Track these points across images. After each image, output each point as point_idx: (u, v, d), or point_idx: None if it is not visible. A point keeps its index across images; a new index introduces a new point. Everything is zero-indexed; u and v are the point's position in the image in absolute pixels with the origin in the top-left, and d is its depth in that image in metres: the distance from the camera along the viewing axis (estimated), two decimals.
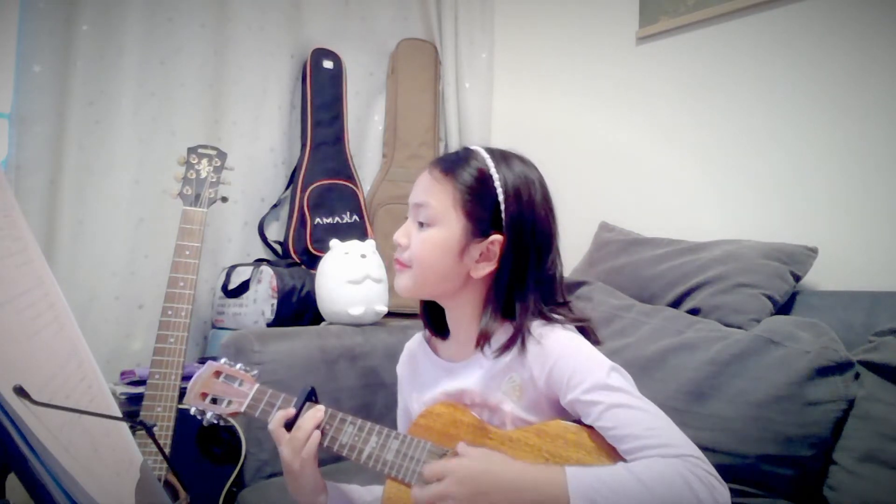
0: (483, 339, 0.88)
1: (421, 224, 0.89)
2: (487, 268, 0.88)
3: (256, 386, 0.95)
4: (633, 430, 0.76)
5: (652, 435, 0.75)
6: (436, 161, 0.92)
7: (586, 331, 0.90)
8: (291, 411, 0.89)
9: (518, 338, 0.86)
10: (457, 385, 0.91)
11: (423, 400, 0.95)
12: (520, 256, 0.87)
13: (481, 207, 0.87)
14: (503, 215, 0.87)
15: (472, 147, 0.92)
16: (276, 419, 0.89)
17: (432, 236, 0.88)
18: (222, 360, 0.99)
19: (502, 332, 0.88)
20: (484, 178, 0.87)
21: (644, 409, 0.78)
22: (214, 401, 0.96)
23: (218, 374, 0.97)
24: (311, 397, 0.91)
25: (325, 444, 0.89)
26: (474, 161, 0.89)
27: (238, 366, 0.99)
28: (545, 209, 0.90)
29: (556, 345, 0.85)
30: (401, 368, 1.06)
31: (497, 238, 0.87)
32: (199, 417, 0.96)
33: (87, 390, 0.64)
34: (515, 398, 0.86)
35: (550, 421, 0.84)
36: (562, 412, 0.85)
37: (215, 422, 0.96)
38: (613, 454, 0.78)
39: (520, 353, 0.86)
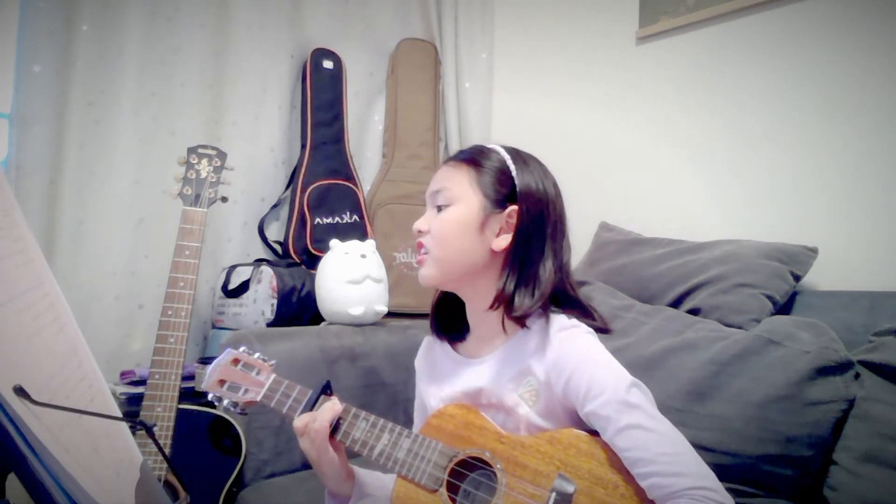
0: (499, 300, 0.88)
1: (439, 208, 0.91)
2: (507, 238, 0.89)
3: (273, 377, 0.97)
4: (646, 454, 0.75)
5: (665, 461, 0.74)
6: (452, 155, 0.97)
7: (594, 319, 0.91)
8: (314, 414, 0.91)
9: (542, 304, 0.87)
10: (474, 383, 0.91)
11: (441, 396, 0.95)
12: (536, 225, 0.89)
13: (497, 181, 0.90)
14: (516, 184, 0.89)
15: (487, 145, 0.97)
16: (302, 419, 0.90)
17: (451, 214, 0.90)
18: (241, 349, 1.00)
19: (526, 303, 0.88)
20: (498, 156, 0.92)
21: (660, 431, 0.77)
22: (232, 389, 0.97)
23: (236, 361, 0.99)
24: (327, 391, 0.93)
25: (338, 438, 0.90)
26: (485, 149, 0.94)
27: (256, 355, 1.00)
28: (556, 191, 0.93)
29: (575, 351, 0.84)
30: (418, 361, 1.06)
31: (515, 209, 0.89)
32: (216, 405, 0.97)
33: (87, 390, 0.64)
34: (531, 402, 0.86)
35: (563, 429, 0.83)
36: (578, 422, 0.84)
37: (232, 409, 0.97)
38: (625, 466, 0.78)
39: (542, 344, 0.86)
